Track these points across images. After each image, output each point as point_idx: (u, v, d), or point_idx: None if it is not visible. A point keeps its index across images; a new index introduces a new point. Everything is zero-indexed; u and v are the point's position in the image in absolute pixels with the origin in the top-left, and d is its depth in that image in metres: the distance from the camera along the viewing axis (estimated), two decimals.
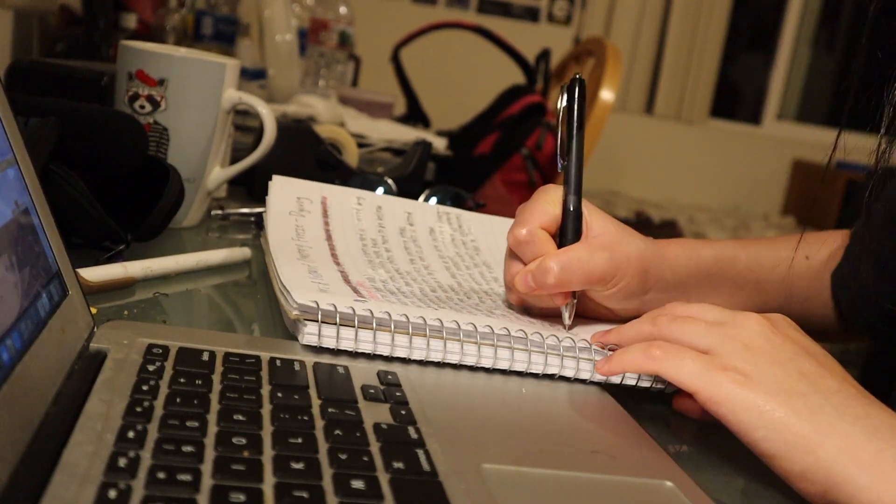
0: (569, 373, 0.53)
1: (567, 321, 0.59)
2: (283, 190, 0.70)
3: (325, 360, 0.48)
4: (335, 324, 0.49)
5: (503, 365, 0.52)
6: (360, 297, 0.54)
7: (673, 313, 0.53)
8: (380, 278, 0.62)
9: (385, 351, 0.50)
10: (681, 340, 0.50)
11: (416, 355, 0.50)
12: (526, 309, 0.62)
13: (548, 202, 0.60)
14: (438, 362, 0.51)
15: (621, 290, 0.60)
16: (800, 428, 0.44)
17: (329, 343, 0.49)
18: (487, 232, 0.75)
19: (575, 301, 0.59)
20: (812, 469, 0.43)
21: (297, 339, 0.50)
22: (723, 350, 0.48)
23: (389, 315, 0.50)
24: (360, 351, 0.50)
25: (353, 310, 0.50)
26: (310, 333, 0.49)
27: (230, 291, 0.64)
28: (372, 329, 0.50)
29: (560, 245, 0.59)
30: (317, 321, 0.49)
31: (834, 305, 0.73)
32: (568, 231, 0.59)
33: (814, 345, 0.50)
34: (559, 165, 0.61)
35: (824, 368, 0.47)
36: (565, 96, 0.61)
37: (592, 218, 0.60)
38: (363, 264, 0.64)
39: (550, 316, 0.61)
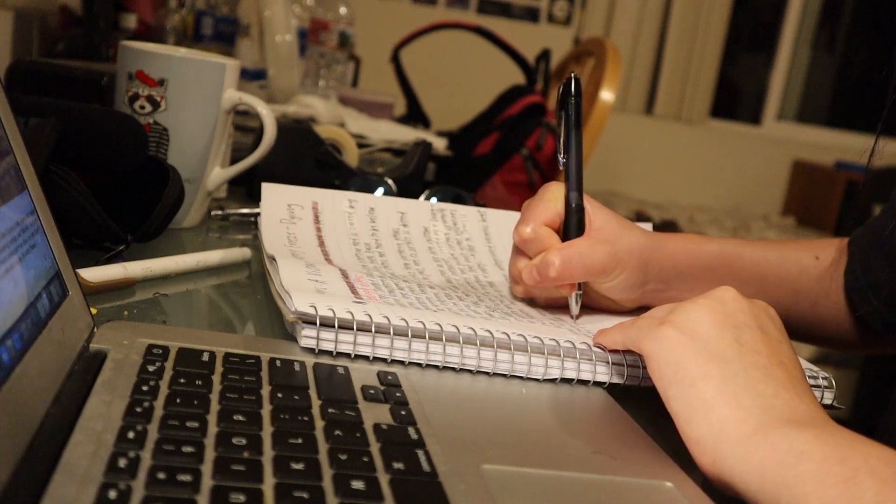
0: (570, 374, 0.52)
1: (574, 311, 0.62)
2: (274, 197, 0.69)
3: (325, 360, 0.48)
4: (333, 328, 0.49)
5: (503, 369, 0.51)
6: (358, 298, 0.54)
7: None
8: (377, 276, 0.62)
9: (384, 354, 0.50)
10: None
11: (415, 358, 0.50)
12: (530, 301, 0.65)
13: (551, 199, 0.63)
14: (438, 365, 0.51)
15: (622, 282, 0.63)
16: (704, 392, 0.43)
17: (327, 347, 0.49)
18: (480, 227, 0.75)
19: (580, 292, 0.62)
20: (705, 436, 0.42)
21: (296, 340, 0.50)
22: (678, 310, 0.48)
23: (388, 319, 0.50)
24: (358, 354, 0.50)
25: (352, 314, 0.50)
26: (308, 337, 0.49)
27: (230, 292, 0.64)
28: (371, 333, 0.50)
29: (564, 239, 0.62)
30: (315, 325, 0.49)
31: (847, 307, 0.72)
32: (571, 226, 0.62)
33: (775, 329, 0.48)
34: (560, 163, 0.64)
35: (764, 346, 0.45)
36: (562, 96, 0.64)
37: (595, 213, 0.63)
38: (358, 270, 0.64)
39: (555, 306, 0.64)
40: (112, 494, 0.30)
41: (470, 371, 0.51)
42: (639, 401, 0.53)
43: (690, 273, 0.67)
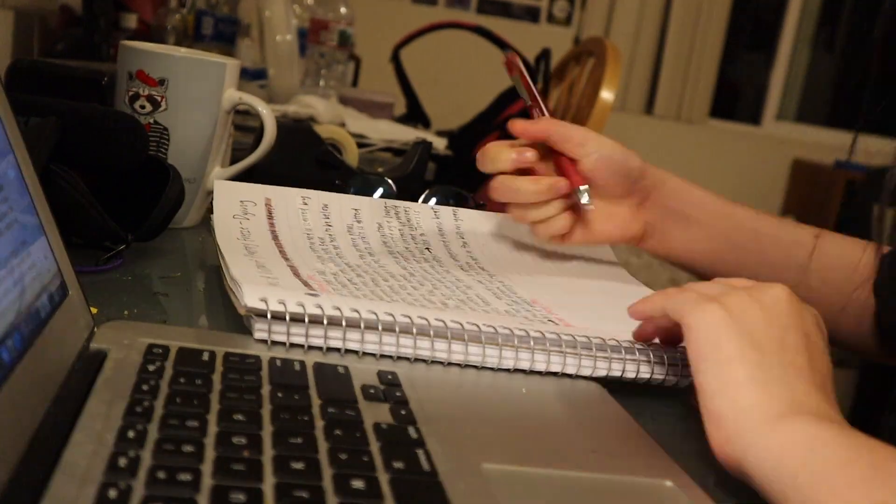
0: (524, 364, 0.52)
1: (587, 201, 0.67)
2: (226, 194, 0.69)
3: (326, 360, 0.48)
4: (284, 320, 0.48)
5: (456, 359, 0.51)
6: (312, 291, 0.54)
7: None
8: (330, 271, 0.61)
9: (337, 345, 0.49)
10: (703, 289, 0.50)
11: (369, 349, 0.50)
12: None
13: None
14: (438, 362, 0.51)
15: (605, 162, 0.69)
16: (737, 372, 0.43)
17: (280, 339, 0.49)
18: (434, 224, 0.75)
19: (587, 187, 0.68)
20: (726, 412, 0.43)
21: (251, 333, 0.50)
22: (730, 294, 0.47)
23: (341, 311, 0.50)
24: (311, 345, 0.49)
25: (304, 307, 0.49)
26: (261, 330, 0.49)
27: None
28: (323, 325, 0.49)
29: None
30: (266, 318, 0.48)
31: (869, 315, 0.72)
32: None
33: (820, 339, 0.48)
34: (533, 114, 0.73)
35: (806, 350, 0.46)
36: (522, 73, 0.74)
37: None
38: (312, 259, 0.64)
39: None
40: (112, 494, 0.30)
41: (470, 368, 0.51)
42: (639, 400, 0.53)
43: (692, 214, 0.73)
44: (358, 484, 0.34)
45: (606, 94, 1.77)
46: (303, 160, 0.91)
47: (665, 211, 0.73)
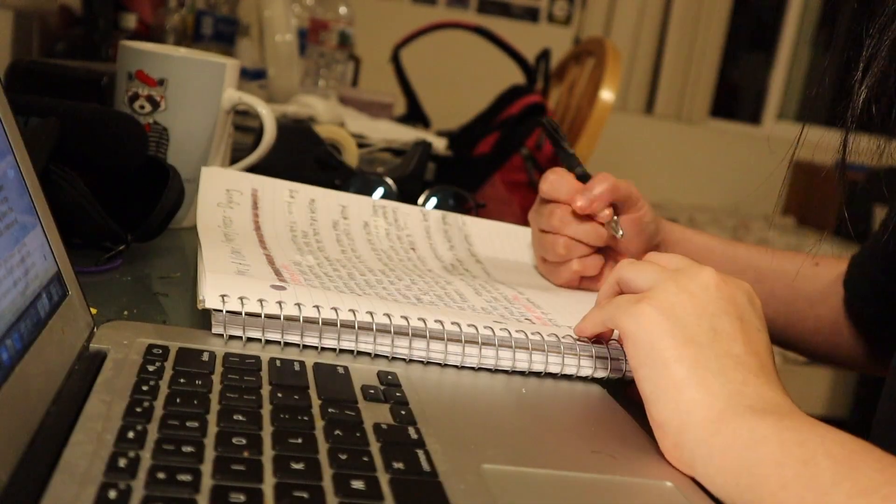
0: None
1: (619, 233, 0.69)
2: (213, 181, 0.69)
3: (325, 360, 0.48)
4: (241, 315, 0.48)
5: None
6: (282, 280, 0.54)
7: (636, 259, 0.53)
8: (307, 263, 0.61)
9: (295, 340, 0.49)
10: (633, 280, 0.50)
11: (328, 345, 0.50)
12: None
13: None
14: (437, 363, 0.51)
15: (642, 215, 0.70)
16: (675, 374, 0.43)
17: (236, 332, 0.48)
18: (422, 227, 0.75)
19: (617, 218, 0.70)
20: (670, 419, 0.42)
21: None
22: (658, 288, 0.47)
23: (300, 308, 0.49)
24: (269, 340, 0.49)
25: (262, 303, 0.49)
26: (217, 323, 0.49)
27: None
28: (280, 321, 0.49)
29: None
30: (222, 312, 0.48)
31: (846, 317, 0.73)
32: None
33: (755, 318, 0.48)
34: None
35: (741, 334, 0.45)
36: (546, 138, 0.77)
37: None
38: (291, 251, 0.64)
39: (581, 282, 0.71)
40: (112, 494, 0.30)
41: (472, 369, 0.51)
42: (639, 400, 0.53)
43: (689, 247, 0.76)
44: (358, 484, 0.34)
45: (606, 94, 1.77)
46: (303, 160, 0.91)
47: (667, 241, 0.76)
